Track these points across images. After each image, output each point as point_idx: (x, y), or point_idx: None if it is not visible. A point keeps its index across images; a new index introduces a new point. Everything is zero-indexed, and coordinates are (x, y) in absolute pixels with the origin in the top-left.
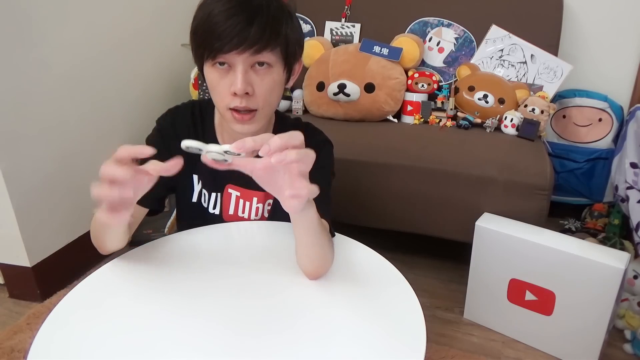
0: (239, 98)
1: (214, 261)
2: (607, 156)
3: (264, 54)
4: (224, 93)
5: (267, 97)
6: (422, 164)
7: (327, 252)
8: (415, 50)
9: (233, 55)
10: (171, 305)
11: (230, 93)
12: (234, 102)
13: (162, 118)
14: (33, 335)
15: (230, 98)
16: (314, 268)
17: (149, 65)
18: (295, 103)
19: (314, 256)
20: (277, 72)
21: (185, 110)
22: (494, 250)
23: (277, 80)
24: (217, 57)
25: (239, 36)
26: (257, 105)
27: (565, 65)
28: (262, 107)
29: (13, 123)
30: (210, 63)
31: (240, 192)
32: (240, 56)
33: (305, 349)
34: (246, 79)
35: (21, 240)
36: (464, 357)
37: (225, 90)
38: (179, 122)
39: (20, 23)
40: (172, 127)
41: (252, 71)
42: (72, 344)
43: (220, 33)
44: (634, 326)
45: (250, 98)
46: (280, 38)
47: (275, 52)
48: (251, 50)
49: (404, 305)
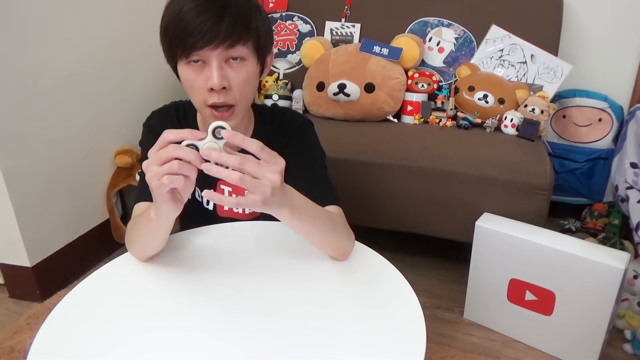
0: (217, 94)
1: (213, 261)
2: (607, 156)
3: (237, 48)
4: (201, 90)
5: (244, 90)
6: (422, 164)
7: (335, 237)
8: (415, 50)
9: (207, 51)
10: (171, 305)
11: (207, 89)
12: (211, 99)
13: (149, 120)
14: (33, 335)
15: (208, 94)
16: (331, 252)
17: (149, 66)
18: (295, 103)
19: (323, 243)
20: (251, 65)
21: (170, 110)
22: (494, 250)
23: (252, 72)
24: (191, 55)
25: (211, 32)
26: (235, 100)
27: (565, 65)
28: (240, 101)
29: (13, 123)
30: (184, 61)
31: (232, 187)
32: (214, 52)
33: (305, 348)
34: (222, 74)
35: (21, 240)
36: (464, 357)
37: (202, 86)
38: (166, 121)
39: (20, 23)
40: (161, 126)
41: (226, 66)
42: (72, 344)
43: (192, 30)
44: (634, 326)
45: (228, 92)
46: (252, 31)
47: (247, 45)
48: (224, 44)
49: (404, 305)
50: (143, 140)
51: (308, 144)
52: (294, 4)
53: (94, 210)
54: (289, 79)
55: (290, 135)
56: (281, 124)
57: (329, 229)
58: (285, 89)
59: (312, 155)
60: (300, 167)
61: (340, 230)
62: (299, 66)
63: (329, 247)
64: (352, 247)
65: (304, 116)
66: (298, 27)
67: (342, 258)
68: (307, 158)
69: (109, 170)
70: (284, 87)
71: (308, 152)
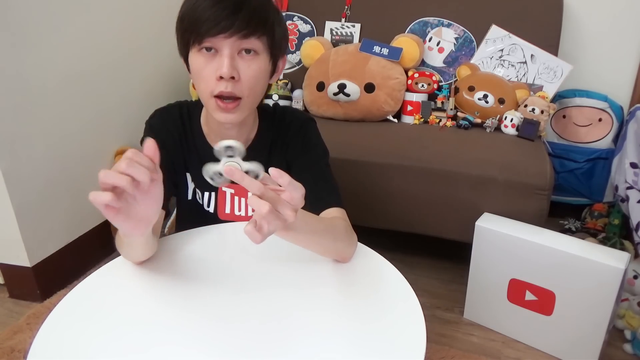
0: (225, 82)
1: (213, 261)
2: (607, 156)
3: (251, 40)
4: (210, 78)
5: (253, 84)
6: (422, 164)
7: (335, 245)
8: (415, 50)
9: (220, 39)
10: (171, 305)
11: (216, 77)
12: (219, 87)
13: (151, 118)
14: (33, 335)
15: (216, 83)
16: (332, 258)
17: (149, 66)
18: (295, 103)
19: (324, 253)
20: (263, 61)
21: (174, 109)
22: (494, 250)
23: (263, 69)
24: (203, 42)
25: (226, 20)
26: (242, 93)
27: (565, 65)
28: (247, 95)
29: (13, 123)
30: (196, 48)
31: (235, 189)
32: (227, 40)
33: (305, 349)
34: (232, 64)
35: (21, 240)
36: (464, 357)
37: (211, 75)
38: (169, 121)
39: (20, 24)
40: (163, 125)
41: (238, 57)
42: (72, 344)
43: (208, 17)
44: (634, 326)
45: (236, 84)
46: (268, 26)
47: (262, 39)
48: (239, 34)
49: (404, 305)
50: (144, 139)
51: (310, 142)
52: (294, 4)
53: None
54: (289, 79)
55: (292, 134)
56: (283, 123)
57: (329, 240)
58: (285, 89)
59: (316, 154)
60: (303, 166)
61: (341, 237)
62: (299, 66)
63: (329, 255)
64: (354, 250)
65: (306, 114)
66: (298, 27)
67: (345, 261)
68: (310, 157)
69: None
70: (284, 87)
71: (311, 150)
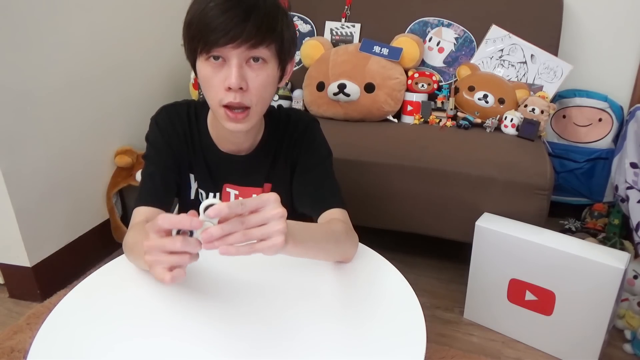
0: (233, 93)
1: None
2: (607, 156)
3: (260, 49)
4: (218, 88)
5: (261, 93)
6: (422, 164)
7: (337, 250)
8: (415, 50)
9: (228, 49)
10: (171, 305)
11: (224, 88)
12: (227, 98)
13: (158, 115)
14: (33, 335)
15: (224, 93)
16: (339, 260)
17: (149, 66)
18: (295, 103)
19: (330, 256)
20: (271, 69)
21: (181, 108)
22: (494, 250)
23: (271, 76)
24: (211, 51)
25: (235, 29)
26: (251, 102)
27: (565, 65)
28: (256, 104)
29: (13, 123)
30: (204, 57)
31: (239, 190)
32: (236, 50)
33: (304, 349)
34: (240, 74)
35: (21, 240)
36: (464, 357)
37: (219, 85)
38: (175, 119)
39: (20, 23)
40: (170, 123)
41: (246, 66)
42: (72, 344)
43: (217, 26)
44: (634, 326)
45: (244, 94)
46: (276, 34)
47: (270, 47)
48: (247, 44)
49: (404, 305)
50: (150, 135)
51: (314, 142)
52: (294, 4)
53: (94, 210)
54: (289, 79)
55: (297, 135)
56: (288, 125)
57: (331, 246)
58: (285, 89)
59: (319, 155)
60: (307, 168)
61: (343, 241)
62: (299, 66)
63: (334, 259)
64: (355, 251)
65: (310, 115)
66: (298, 27)
67: (346, 262)
68: (314, 158)
69: (109, 170)
70: (284, 87)
71: (315, 151)
